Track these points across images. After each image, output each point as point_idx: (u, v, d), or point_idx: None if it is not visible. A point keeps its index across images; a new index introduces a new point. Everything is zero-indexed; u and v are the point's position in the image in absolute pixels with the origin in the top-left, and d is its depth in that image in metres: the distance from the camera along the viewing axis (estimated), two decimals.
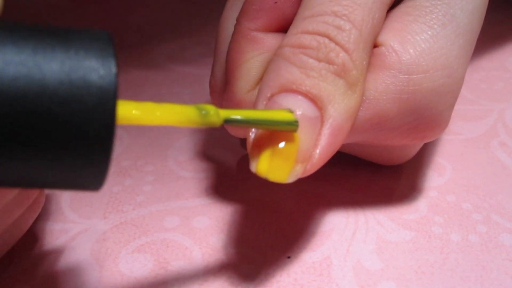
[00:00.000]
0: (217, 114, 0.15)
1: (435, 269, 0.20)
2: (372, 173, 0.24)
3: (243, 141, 0.26)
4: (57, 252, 0.21)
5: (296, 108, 0.17)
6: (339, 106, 0.17)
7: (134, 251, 0.21)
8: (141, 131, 0.27)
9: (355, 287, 0.19)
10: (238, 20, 0.20)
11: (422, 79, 0.18)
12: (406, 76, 0.18)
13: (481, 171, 0.24)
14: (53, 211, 0.22)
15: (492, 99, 0.29)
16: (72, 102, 0.12)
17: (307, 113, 0.17)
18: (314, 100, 0.17)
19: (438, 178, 0.24)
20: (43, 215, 0.22)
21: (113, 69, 0.13)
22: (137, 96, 0.29)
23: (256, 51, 0.20)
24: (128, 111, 0.13)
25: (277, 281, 0.19)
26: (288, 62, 0.18)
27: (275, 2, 0.19)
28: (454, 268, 0.20)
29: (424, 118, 0.19)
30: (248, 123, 0.16)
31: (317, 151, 0.17)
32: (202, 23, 0.36)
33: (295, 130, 0.16)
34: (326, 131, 0.17)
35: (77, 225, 0.22)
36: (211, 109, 0.15)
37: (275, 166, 0.17)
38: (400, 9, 0.19)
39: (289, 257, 0.20)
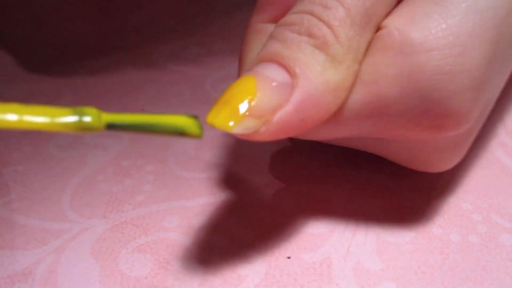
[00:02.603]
0: (98, 118, 0.14)
1: (435, 269, 0.20)
2: (372, 173, 0.24)
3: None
4: (57, 252, 0.21)
5: (272, 76, 0.17)
6: (315, 77, 0.17)
7: (134, 251, 0.21)
8: None
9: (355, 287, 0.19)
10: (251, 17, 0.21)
11: (426, 58, 0.17)
12: (407, 56, 0.17)
13: (481, 171, 0.24)
14: (53, 211, 0.22)
15: None
16: None
17: (273, 76, 0.17)
18: (287, 68, 0.17)
19: (438, 178, 0.24)
20: (43, 215, 0.22)
21: None
22: (137, 96, 0.29)
23: (259, 41, 0.20)
24: None
25: (277, 281, 0.19)
26: (274, 39, 0.18)
27: None
28: (454, 268, 0.20)
29: (434, 102, 0.18)
30: (135, 128, 0.15)
31: (278, 114, 0.17)
32: (202, 23, 0.36)
33: (199, 137, 0.16)
34: (294, 99, 0.17)
35: (77, 225, 0.22)
36: (91, 112, 0.14)
37: (220, 112, 0.17)
38: None
39: (289, 257, 0.20)
